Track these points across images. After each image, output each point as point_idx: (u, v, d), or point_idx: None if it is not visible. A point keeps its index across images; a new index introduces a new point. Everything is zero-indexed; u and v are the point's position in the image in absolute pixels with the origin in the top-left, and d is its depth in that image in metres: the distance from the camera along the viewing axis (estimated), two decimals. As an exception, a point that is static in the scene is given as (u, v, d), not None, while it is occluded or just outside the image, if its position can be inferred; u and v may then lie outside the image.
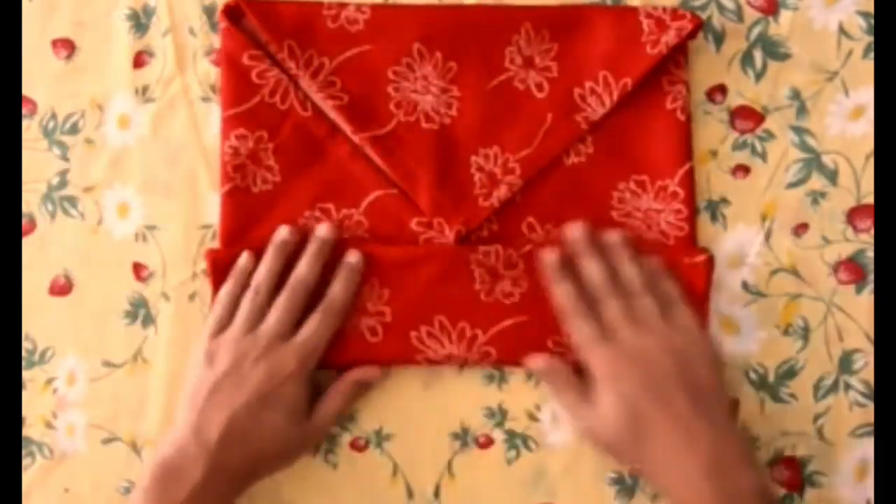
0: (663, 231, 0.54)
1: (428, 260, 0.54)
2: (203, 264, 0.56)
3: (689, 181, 0.54)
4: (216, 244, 0.56)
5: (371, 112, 0.55)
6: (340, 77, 0.55)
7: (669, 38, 0.54)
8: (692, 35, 0.54)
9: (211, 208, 0.57)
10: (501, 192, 0.54)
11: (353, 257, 0.54)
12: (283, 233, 0.54)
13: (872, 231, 0.55)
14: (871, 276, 0.55)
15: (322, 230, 0.54)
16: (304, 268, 0.53)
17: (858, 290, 0.55)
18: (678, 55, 0.55)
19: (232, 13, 0.56)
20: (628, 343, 0.50)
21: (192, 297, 0.56)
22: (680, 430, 0.48)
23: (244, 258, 0.54)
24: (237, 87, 0.55)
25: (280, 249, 0.54)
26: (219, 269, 0.54)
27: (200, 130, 0.58)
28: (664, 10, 0.55)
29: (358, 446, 0.55)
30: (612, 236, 0.54)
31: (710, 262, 0.53)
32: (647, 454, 0.49)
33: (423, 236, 0.54)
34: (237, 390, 0.50)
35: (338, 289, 0.53)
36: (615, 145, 0.55)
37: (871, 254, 0.55)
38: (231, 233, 0.55)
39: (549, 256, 0.53)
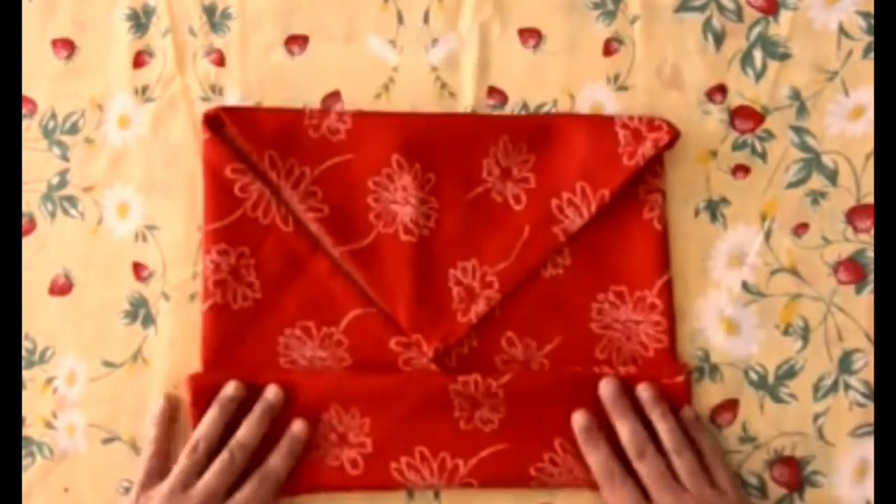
0: (642, 342, 0.54)
1: (407, 389, 0.53)
2: (202, 266, 0.56)
3: (668, 292, 0.54)
4: None
5: (351, 224, 0.55)
6: (321, 187, 0.55)
7: (646, 149, 0.54)
8: (669, 146, 0.54)
9: None
10: (480, 306, 0.54)
11: (297, 427, 0.53)
12: (229, 390, 0.54)
13: (872, 231, 0.55)
14: (871, 276, 0.55)
15: (270, 393, 0.54)
16: (245, 431, 0.53)
17: (858, 290, 0.55)
18: (655, 164, 0.55)
19: (213, 122, 0.56)
20: None
21: (192, 297, 0.56)
22: None
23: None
24: (220, 201, 0.55)
25: (225, 407, 0.53)
26: (200, 396, 0.54)
27: (200, 130, 0.58)
28: (640, 119, 0.55)
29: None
30: (645, 392, 0.53)
31: (688, 381, 0.54)
32: None
33: (403, 356, 0.54)
34: None
35: (277, 460, 0.53)
36: (593, 256, 0.55)
37: (871, 254, 0.55)
38: (213, 352, 0.55)
39: (579, 419, 0.53)
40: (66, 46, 0.59)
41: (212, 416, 0.53)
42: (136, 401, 0.56)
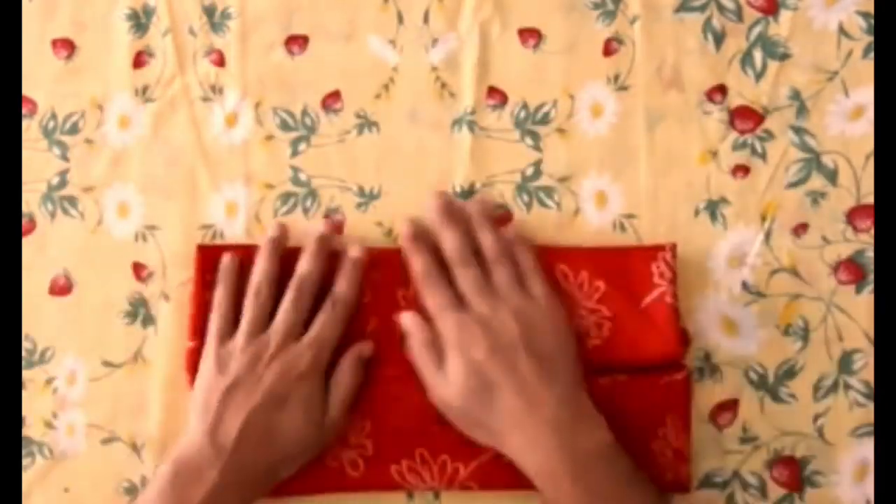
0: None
1: (408, 392, 0.53)
2: None
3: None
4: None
5: None
6: None
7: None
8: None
9: (211, 208, 0.57)
10: None
11: (355, 252, 0.54)
12: (272, 231, 0.55)
13: (872, 231, 0.55)
14: (871, 276, 0.55)
15: (321, 229, 0.55)
16: (306, 265, 0.53)
17: (858, 290, 0.55)
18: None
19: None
20: (478, 311, 0.51)
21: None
22: (525, 394, 0.49)
23: (227, 259, 0.54)
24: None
25: (273, 248, 0.54)
26: (207, 265, 0.54)
27: (200, 130, 0.58)
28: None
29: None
30: (471, 206, 0.55)
31: (688, 379, 0.53)
32: (494, 420, 0.50)
33: (406, 364, 0.54)
34: (251, 393, 0.50)
35: (343, 284, 0.53)
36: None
37: (870, 254, 0.55)
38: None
39: (404, 228, 0.54)
40: (66, 46, 0.59)
41: (264, 260, 0.54)
42: (136, 401, 0.56)
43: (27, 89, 0.58)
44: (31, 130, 0.58)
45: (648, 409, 0.53)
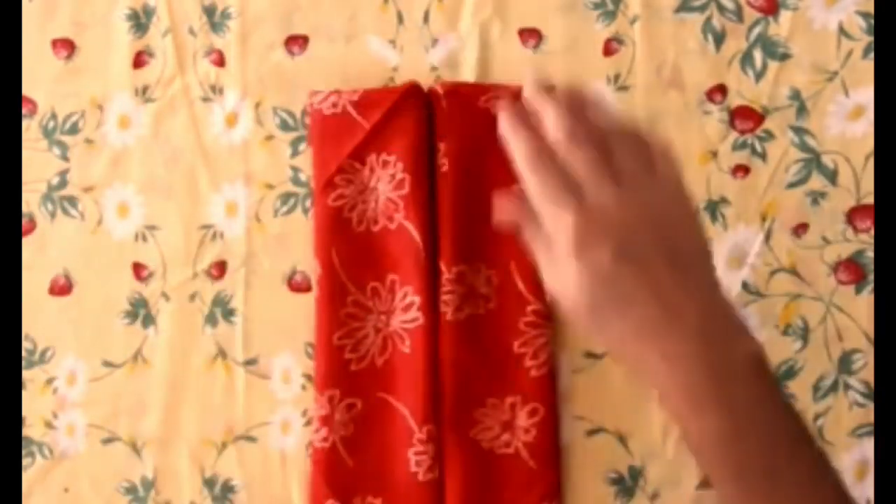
0: None
1: None
2: (204, 264, 0.56)
3: None
4: (216, 245, 0.57)
5: None
6: None
7: None
8: None
9: (211, 208, 0.57)
10: None
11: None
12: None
13: (872, 231, 0.55)
14: (871, 276, 0.55)
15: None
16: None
17: (858, 290, 0.55)
18: None
19: None
20: (599, 202, 0.41)
21: (192, 297, 0.56)
22: (664, 304, 0.40)
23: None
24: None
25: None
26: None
27: (200, 130, 0.58)
28: None
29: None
30: (577, 91, 0.44)
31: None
32: (625, 333, 0.41)
33: None
34: None
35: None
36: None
37: (870, 254, 0.55)
38: None
39: (501, 108, 0.44)
40: (66, 46, 0.59)
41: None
42: (136, 401, 0.56)
43: (27, 89, 0.58)
44: (31, 130, 0.58)
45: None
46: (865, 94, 0.55)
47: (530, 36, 0.57)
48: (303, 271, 0.57)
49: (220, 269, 0.58)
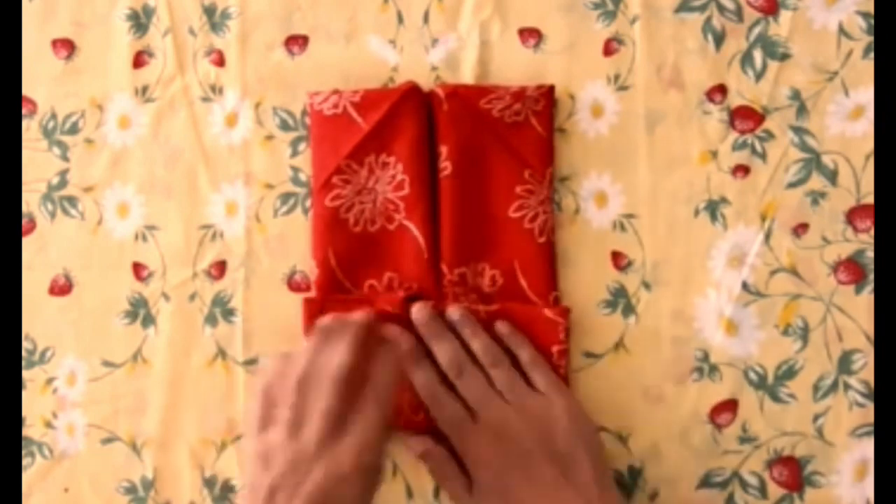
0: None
1: None
2: (204, 263, 0.56)
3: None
4: (216, 244, 0.57)
5: None
6: None
7: None
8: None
9: (211, 208, 0.57)
10: None
11: (405, 342, 0.53)
12: (324, 320, 0.50)
13: (872, 231, 0.55)
14: (871, 276, 0.55)
15: (357, 316, 0.51)
16: (341, 356, 0.48)
17: (858, 290, 0.55)
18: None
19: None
20: (489, 421, 0.50)
21: (192, 297, 0.56)
22: (550, 499, 0.48)
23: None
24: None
25: (324, 336, 0.49)
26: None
27: (200, 130, 0.58)
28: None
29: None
30: (454, 313, 0.53)
31: (566, 314, 0.54)
32: None
33: None
34: (293, 497, 0.45)
35: (381, 372, 0.49)
36: None
37: (870, 254, 0.55)
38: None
39: (397, 348, 0.53)
40: (66, 46, 0.59)
41: (309, 351, 0.48)
42: (136, 401, 0.56)
43: (27, 89, 0.58)
44: (31, 130, 0.58)
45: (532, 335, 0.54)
46: (865, 94, 0.55)
47: (530, 36, 0.57)
48: (302, 271, 0.57)
49: (219, 268, 0.58)
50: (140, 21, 0.59)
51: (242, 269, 0.58)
